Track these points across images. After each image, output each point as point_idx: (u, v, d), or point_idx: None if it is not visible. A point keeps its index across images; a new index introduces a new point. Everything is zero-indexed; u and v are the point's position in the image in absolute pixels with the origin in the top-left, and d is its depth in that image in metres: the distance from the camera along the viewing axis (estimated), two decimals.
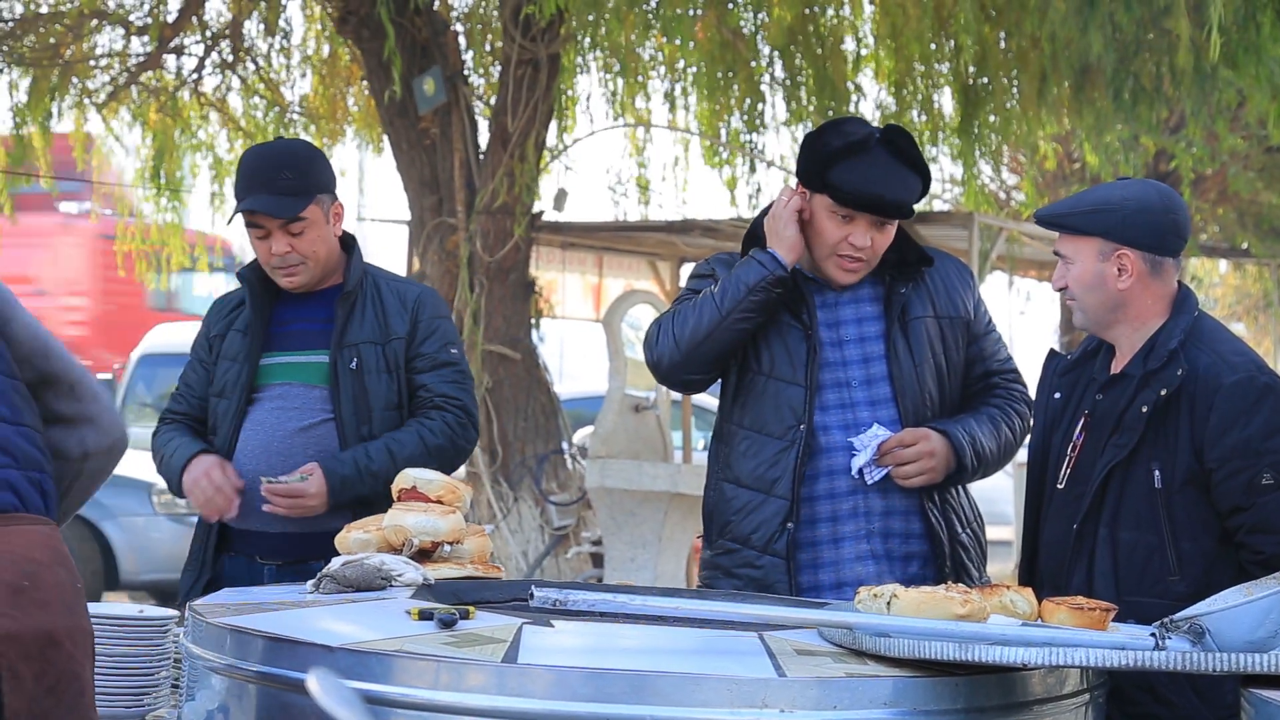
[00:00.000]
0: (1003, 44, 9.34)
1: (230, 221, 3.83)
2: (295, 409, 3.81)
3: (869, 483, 3.51)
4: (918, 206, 3.65)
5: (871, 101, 10.54)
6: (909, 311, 3.59)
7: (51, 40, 10.72)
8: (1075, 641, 2.46)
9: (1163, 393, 3.20)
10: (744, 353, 3.61)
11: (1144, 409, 3.22)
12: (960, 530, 3.59)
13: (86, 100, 11.27)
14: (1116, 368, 3.34)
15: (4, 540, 2.56)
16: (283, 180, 3.74)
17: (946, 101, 10.49)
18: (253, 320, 3.85)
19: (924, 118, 10.36)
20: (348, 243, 3.90)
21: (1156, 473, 3.20)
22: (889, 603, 2.63)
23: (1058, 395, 3.43)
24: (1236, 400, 3.17)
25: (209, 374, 3.91)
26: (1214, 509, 3.20)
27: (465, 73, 9.85)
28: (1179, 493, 3.19)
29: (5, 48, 10.68)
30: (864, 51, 10.38)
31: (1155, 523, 3.19)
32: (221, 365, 3.87)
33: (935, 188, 13.88)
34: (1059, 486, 3.35)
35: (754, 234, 3.63)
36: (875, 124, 3.67)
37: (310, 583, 2.99)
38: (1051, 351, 3.56)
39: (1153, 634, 2.56)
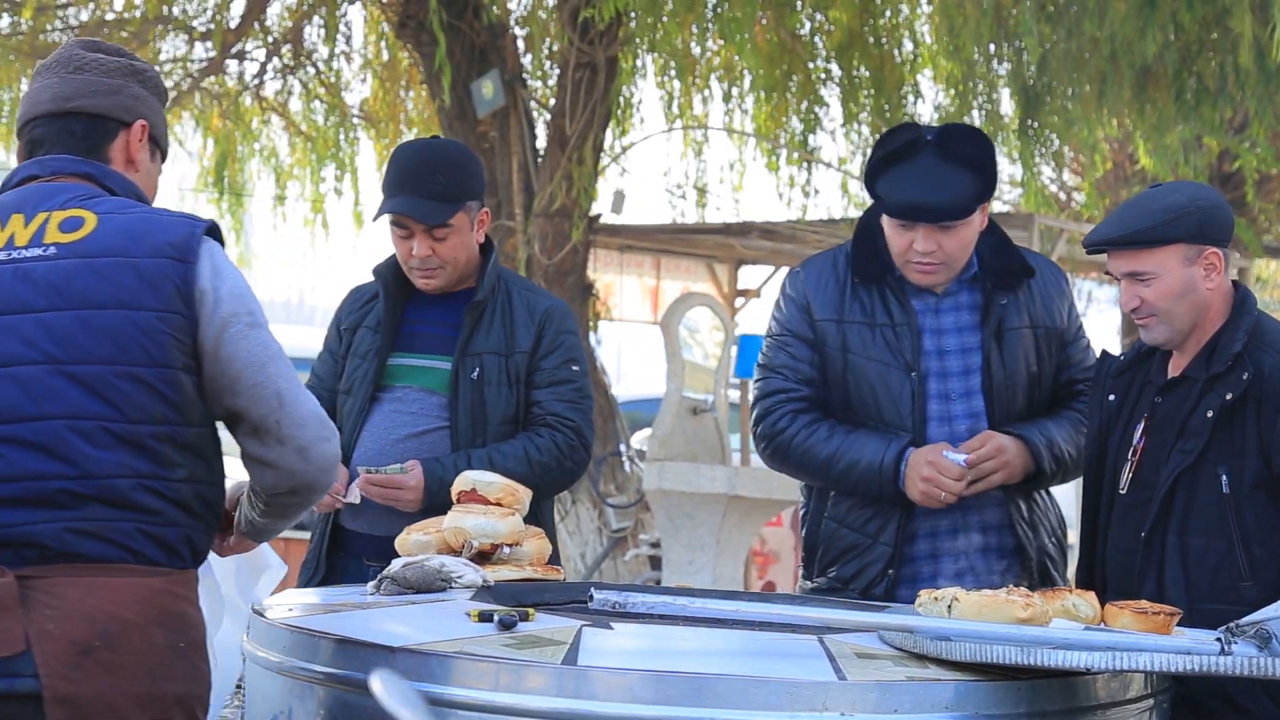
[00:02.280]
0: (1063, 44, 9.26)
1: (376, 219, 3.78)
2: (411, 414, 3.78)
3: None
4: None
5: (930, 103, 10.51)
6: (1005, 323, 3.59)
7: (120, 43, 10.83)
8: (1139, 646, 2.43)
9: (1228, 396, 3.16)
10: (845, 395, 3.62)
11: (1209, 414, 3.18)
12: (1047, 539, 3.65)
13: None
14: (1175, 370, 3.30)
15: (89, 594, 2.40)
16: (434, 183, 3.69)
17: (1006, 102, 10.42)
18: (385, 318, 3.81)
19: (983, 119, 10.30)
20: (485, 249, 3.85)
21: (1224, 477, 3.16)
22: (950, 606, 2.62)
23: (1112, 398, 3.39)
24: None
25: (338, 366, 3.87)
26: None
27: (524, 76, 9.88)
28: (1248, 497, 3.15)
29: None
30: (922, 53, 10.34)
31: (1225, 528, 3.15)
32: (351, 362, 3.84)
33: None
34: (1121, 492, 3.31)
35: (866, 226, 3.63)
36: (935, 125, 3.65)
37: (371, 584, 3.01)
38: (1104, 353, 3.53)
39: (1218, 639, 2.53)
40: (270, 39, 11.16)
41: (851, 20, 9.48)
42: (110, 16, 10.93)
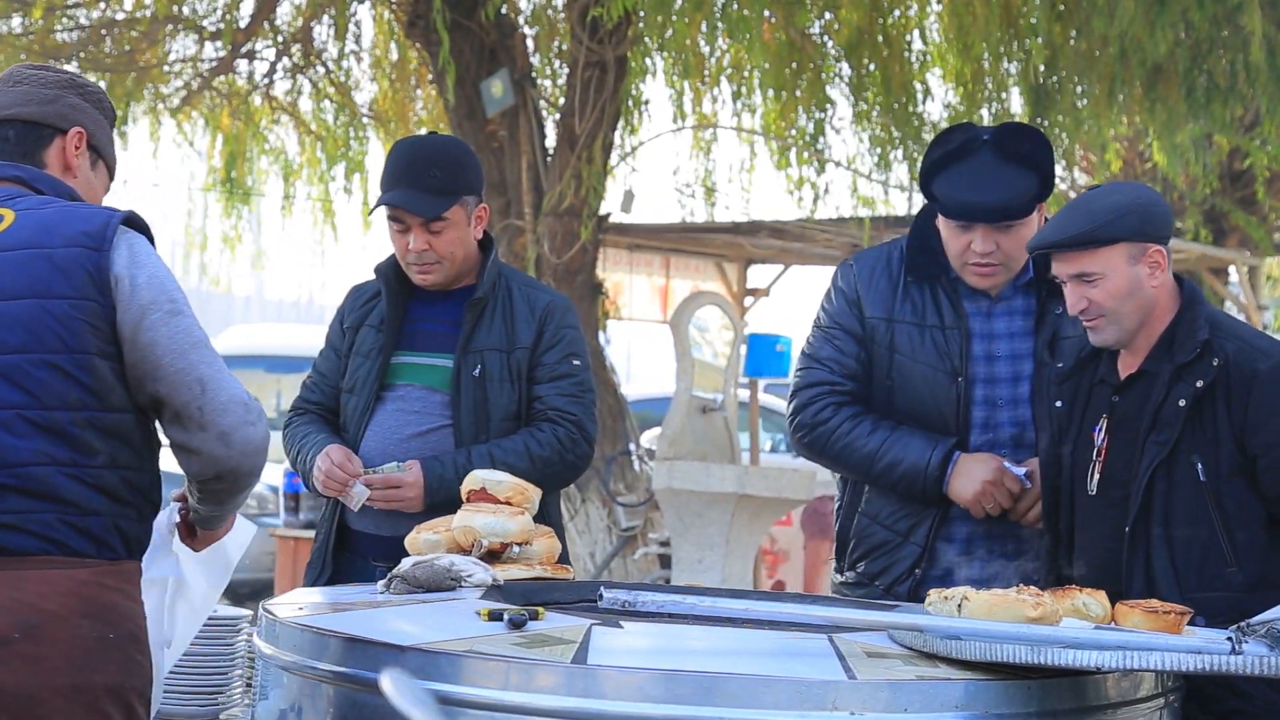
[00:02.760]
0: (1072, 43, 9.25)
1: (372, 212, 3.80)
2: (415, 412, 3.77)
3: None
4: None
5: (939, 102, 10.49)
6: (1060, 332, 3.54)
7: (127, 46, 10.86)
8: (1149, 645, 2.43)
9: (1199, 384, 3.16)
10: (888, 394, 3.59)
11: (1181, 403, 3.17)
12: None
13: (160, 105, 11.41)
14: (1129, 367, 3.28)
15: (10, 587, 2.42)
16: (430, 178, 3.70)
17: (1015, 101, 10.40)
18: (387, 317, 3.80)
19: (992, 118, 10.28)
20: (485, 245, 3.85)
21: (1199, 465, 3.16)
22: (960, 605, 2.61)
23: (1059, 404, 3.37)
24: (1275, 387, 3.14)
25: (341, 364, 3.86)
26: (1261, 496, 3.16)
27: (533, 75, 9.88)
28: (1225, 483, 3.16)
29: (82, 54, 10.84)
30: (932, 52, 10.33)
31: (1206, 516, 3.16)
32: (354, 360, 3.83)
33: None
34: (1090, 493, 3.29)
35: (923, 224, 3.59)
36: (991, 125, 3.60)
37: (381, 583, 3.01)
38: (1041, 361, 3.49)
39: (1229, 637, 2.53)
40: (280, 38, 11.17)
41: (861, 19, 9.47)
42: (120, 16, 10.95)
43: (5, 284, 2.51)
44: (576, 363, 3.81)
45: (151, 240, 2.65)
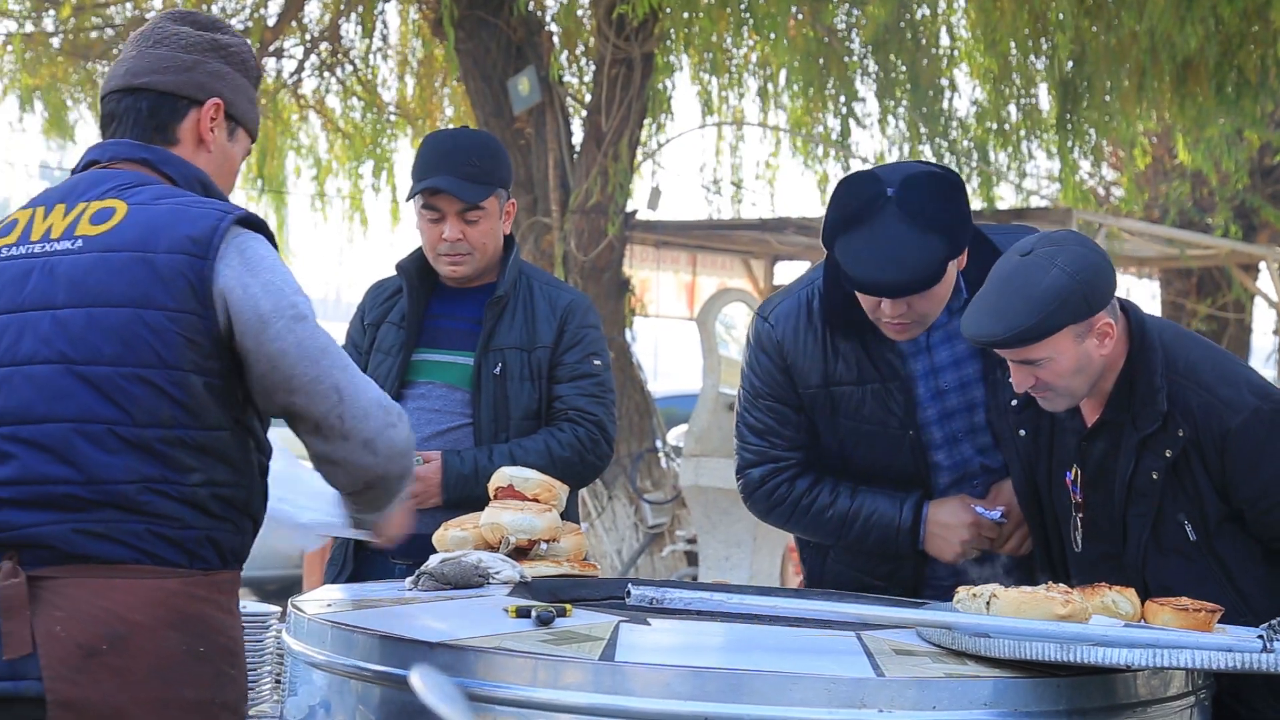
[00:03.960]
0: (1101, 38, 9.21)
1: (410, 198, 3.75)
2: (435, 411, 3.77)
3: None
4: (1019, 202, 3.51)
5: (966, 98, 10.48)
6: None
7: None
8: (1180, 643, 2.42)
9: (1167, 454, 3.00)
10: (842, 455, 3.41)
11: (1154, 475, 3.01)
12: None
13: None
14: (1090, 414, 3.10)
15: (99, 596, 2.32)
16: (469, 166, 3.69)
17: (1043, 97, 10.37)
18: (409, 314, 3.80)
19: (1020, 114, 10.25)
20: (506, 243, 3.85)
21: (1187, 526, 3.01)
22: (988, 602, 2.61)
23: (1023, 433, 3.20)
24: (1250, 441, 2.96)
25: (362, 360, 3.84)
26: (1257, 538, 3.03)
27: (560, 73, 9.89)
28: (1217, 536, 3.02)
29: (114, 52, 10.90)
30: (959, 48, 10.30)
31: (1207, 572, 3.02)
32: (375, 358, 3.82)
33: (1032, 184, 13.72)
34: (1076, 549, 3.15)
35: (834, 272, 3.30)
36: (898, 170, 3.19)
37: (409, 580, 3.02)
38: (994, 383, 3.29)
39: (1260, 636, 2.51)
40: (308, 36, 11.20)
41: (888, 15, 9.45)
42: (150, 14, 11.00)
43: (104, 289, 2.37)
44: (597, 362, 3.80)
45: (271, 239, 2.50)
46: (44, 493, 2.34)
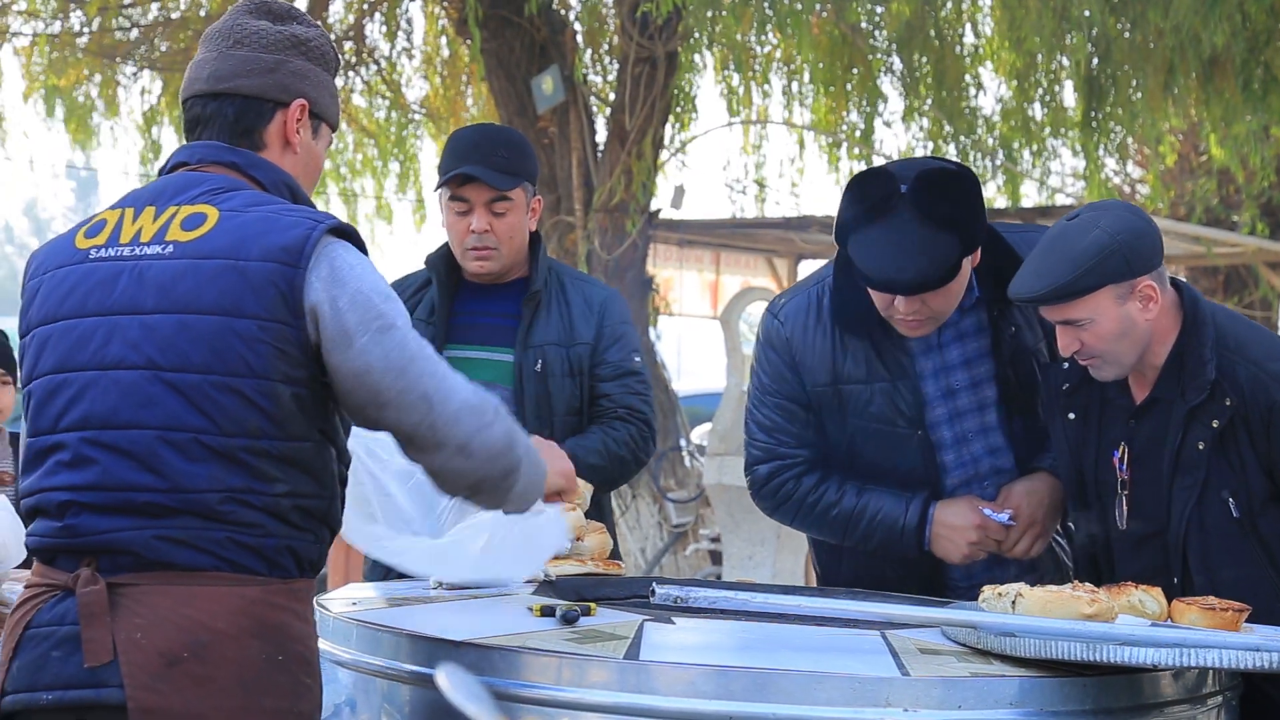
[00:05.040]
0: (1126, 35, 9.18)
1: (438, 189, 3.74)
2: None
3: None
4: (1043, 200, 3.50)
5: (991, 96, 10.46)
6: (1019, 349, 3.33)
7: (182, 45, 10.95)
8: (1206, 643, 2.41)
9: (1215, 424, 3.01)
10: (851, 454, 3.40)
11: (1200, 445, 3.03)
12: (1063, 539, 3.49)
13: None
14: (1141, 389, 3.12)
15: (181, 603, 2.29)
16: (498, 157, 3.69)
17: (1068, 95, 10.33)
18: (439, 310, 3.78)
19: (1045, 111, 10.22)
20: (533, 240, 3.84)
21: (1230, 501, 3.02)
22: (1014, 602, 2.60)
23: (1072, 416, 3.21)
24: None
25: None
26: None
27: (583, 71, 9.90)
28: (1261, 515, 3.03)
29: (139, 53, 10.94)
30: (984, 45, 10.27)
31: (1248, 552, 3.03)
32: None
33: (1056, 181, 13.68)
34: (1120, 528, 3.15)
35: (845, 267, 3.29)
36: (913, 166, 3.21)
37: (434, 578, 3.02)
38: (1046, 367, 3.28)
39: None
40: (332, 36, 11.23)
41: (911, 12, 9.43)
42: (175, 15, 11.04)
43: (194, 296, 2.34)
44: (638, 359, 3.82)
45: (361, 245, 2.45)
46: (125, 499, 2.32)
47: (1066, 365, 3.19)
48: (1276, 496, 3.03)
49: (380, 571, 3.78)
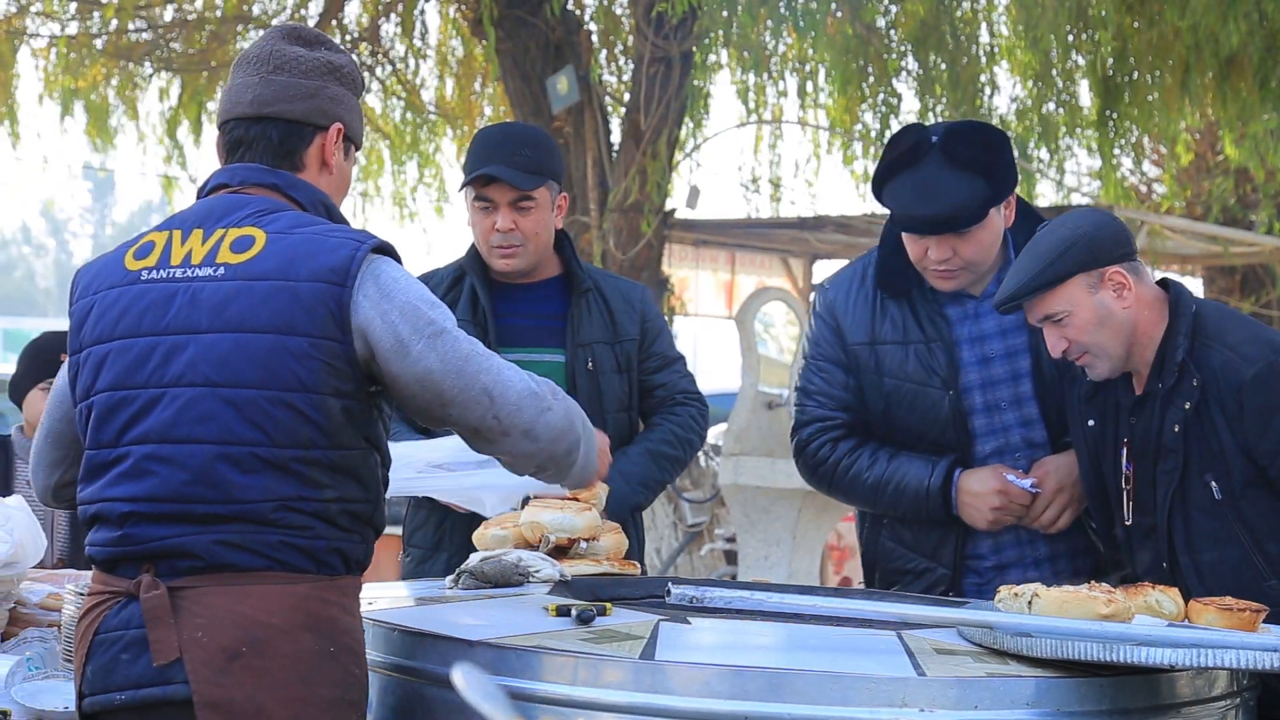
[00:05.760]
0: (1143, 34, 9.15)
1: (462, 189, 3.76)
2: None
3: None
4: (1060, 199, 3.53)
5: (1007, 95, 10.44)
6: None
7: (198, 46, 10.98)
8: (1223, 643, 2.40)
9: (1186, 406, 3.11)
10: (887, 417, 3.50)
11: (1175, 428, 3.12)
12: None
13: None
14: (1139, 387, 3.23)
15: (237, 602, 2.42)
16: (522, 156, 3.71)
17: (1084, 94, 10.31)
18: (484, 310, 3.77)
19: (1061, 111, 10.19)
20: (560, 238, 3.86)
21: (1213, 484, 3.10)
22: (1030, 602, 2.59)
23: (1092, 423, 3.30)
24: (1264, 392, 3.07)
25: None
26: None
27: (599, 71, 9.90)
28: (1243, 498, 3.09)
29: (156, 53, 10.97)
30: (999, 44, 10.25)
31: (1231, 534, 3.09)
32: None
33: (1072, 180, 13.65)
34: (1127, 523, 3.23)
35: (891, 234, 3.48)
36: (942, 123, 3.44)
37: (449, 578, 3.03)
38: (1072, 379, 3.37)
39: None
40: (348, 37, 11.25)
41: (927, 12, 9.41)
42: (192, 16, 11.07)
43: (249, 316, 2.46)
44: (676, 345, 3.95)
45: (399, 259, 2.58)
46: (182, 510, 2.44)
47: (1085, 379, 3.28)
48: (1258, 478, 3.09)
49: (417, 574, 3.77)
